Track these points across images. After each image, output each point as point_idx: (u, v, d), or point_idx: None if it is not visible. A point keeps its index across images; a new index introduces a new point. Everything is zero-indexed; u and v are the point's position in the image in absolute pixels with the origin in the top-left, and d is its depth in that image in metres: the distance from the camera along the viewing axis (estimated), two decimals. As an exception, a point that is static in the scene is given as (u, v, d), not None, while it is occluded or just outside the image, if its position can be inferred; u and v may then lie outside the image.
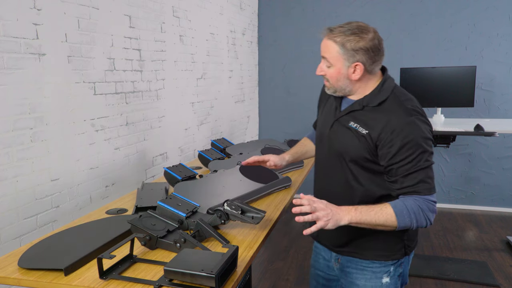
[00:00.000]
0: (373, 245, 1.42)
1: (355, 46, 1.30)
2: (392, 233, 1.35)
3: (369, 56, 1.32)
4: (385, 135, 1.29)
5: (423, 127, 1.30)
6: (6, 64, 1.72)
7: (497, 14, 4.17)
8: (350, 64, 1.33)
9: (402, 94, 1.37)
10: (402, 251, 1.43)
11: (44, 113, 1.92)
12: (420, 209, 1.27)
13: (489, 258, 3.31)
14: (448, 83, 3.74)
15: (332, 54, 1.34)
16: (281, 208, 1.75)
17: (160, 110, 2.87)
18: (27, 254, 1.31)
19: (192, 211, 1.53)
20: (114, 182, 2.43)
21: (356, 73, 1.35)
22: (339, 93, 1.42)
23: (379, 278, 1.44)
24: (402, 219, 1.26)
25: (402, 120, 1.29)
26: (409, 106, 1.32)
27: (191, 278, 1.10)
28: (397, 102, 1.33)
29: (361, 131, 1.35)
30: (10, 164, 1.76)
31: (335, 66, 1.35)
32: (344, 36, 1.31)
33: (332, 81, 1.39)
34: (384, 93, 1.36)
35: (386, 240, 1.41)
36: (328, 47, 1.35)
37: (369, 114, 1.35)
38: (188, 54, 3.22)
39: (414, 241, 1.49)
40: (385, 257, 1.43)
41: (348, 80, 1.37)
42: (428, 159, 1.29)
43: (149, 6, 2.70)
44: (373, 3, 4.48)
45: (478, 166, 4.45)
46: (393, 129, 1.28)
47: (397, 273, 1.45)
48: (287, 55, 4.82)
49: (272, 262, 3.29)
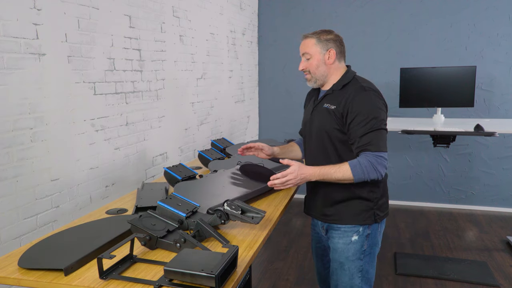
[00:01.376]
0: (348, 212, 1.76)
1: (326, 37, 1.76)
2: (362, 203, 1.74)
3: (337, 45, 1.77)
4: (346, 106, 1.68)
5: (375, 99, 1.68)
6: (6, 64, 1.72)
7: (497, 14, 4.17)
8: (325, 51, 1.75)
9: (361, 79, 1.77)
10: (372, 218, 1.76)
11: (44, 113, 1.92)
12: (370, 163, 1.60)
13: (489, 258, 3.31)
14: (448, 83, 3.74)
15: (310, 47, 1.76)
16: (281, 208, 1.76)
17: (160, 110, 2.87)
18: (27, 254, 1.31)
19: (192, 211, 1.53)
20: (114, 182, 2.43)
21: (331, 58, 1.75)
22: (319, 81, 1.80)
23: (349, 237, 1.78)
24: (356, 173, 1.61)
25: (358, 94, 1.68)
26: (365, 85, 1.71)
27: (191, 278, 1.10)
28: (356, 84, 1.73)
29: (330, 108, 1.73)
30: (10, 164, 1.76)
31: (314, 56, 1.76)
32: (318, 33, 1.78)
33: (312, 69, 1.77)
34: (346, 79, 1.76)
35: (358, 209, 1.75)
36: (307, 43, 1.78)
37: (336, 95, 1.74)
38: (188, 54, 3.22)
39: (384, 212, 1.81)
40: (356, 221, 1.76)
41: (325, 65, 1.76)
42: (379, 124, 1.64)
43: (149, 6, 2.70)
44: (373, 3, 4.48)
45: (478, 166, 4.45)
46: (351, 100, 1.67)
47: (365, 233, 1.77)
48: (287, 55, 4.82)
49: (272, 262, 3.29)
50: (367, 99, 1.67)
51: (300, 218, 4.23)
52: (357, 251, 1.78)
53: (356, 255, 1.78)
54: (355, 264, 1.79)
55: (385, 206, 1.82)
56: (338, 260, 1.82)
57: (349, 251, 1.78)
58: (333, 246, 1.83)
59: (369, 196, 1.75)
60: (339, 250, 1.80)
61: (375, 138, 1.63)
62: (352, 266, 1.79)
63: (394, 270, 3.12)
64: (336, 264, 1.83)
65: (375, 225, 1.79)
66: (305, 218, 4.20)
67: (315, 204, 1.86)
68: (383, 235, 1.91)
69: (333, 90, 1.76)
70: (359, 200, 1.75)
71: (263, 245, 1.76)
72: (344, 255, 1.79)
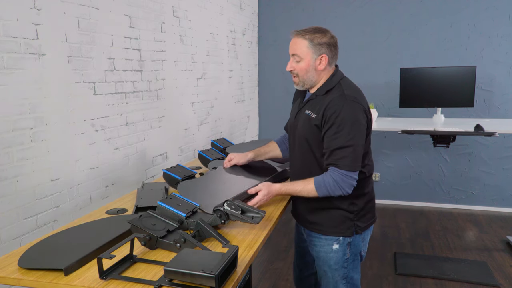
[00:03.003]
0: (328, 222, 1.72)
1: (320, 41, 1.61)
2: (342, 214, 1.69)
3: (330, 50, 1.64)
4: (324, 115, 1.59)
5: (355, 111, 1.57)
6: (6, 64, 1.72)
7: (497, 14, 4.17)
8: (317, 57, 1.63)
9: (346, 85, 1.65)
10: (352, 229, 1.71)
11: (44, 113, 1.92)
12: (335, 182, 1.56)
13: (489, 258, 3.31)
14: (448, 83, 3.74)
15: (302, 49, 1.63)
16: (281, 208, 1.76)
17: (160, 110, 2.87)
18: (27, 254, 1.31)
19: (192, 211, 1.53)
20: (114, 182, 2.43)
21: (322, 64, 1.64)
22: (306, 85, 1.70)
23: (330, 245, 1.74)
24: (320, 191, 1.59)
25: (337, 103, 1.57)
26: (347, 93, 1.60)
27: (191, 278, 1.10)
28: (339, 90, 1.62)
29: (311, 115, 1.65)
30: (10, 164, 1.76)
31: (304, 59, 1.64)
32: (311, 34, 1.62)
33: (301, 74, 1.67)
34: (331, 84, 1.65)
35: (338, 219, 1.71)
36: (298, 43, 1.64)
37: (318, 101, 1.65)
38: (188, 54, 3.22)
39: (367, 222, 1.76)
40: (335, 231, 1.72)
41: (315, 71, 1.65)
42: (353, 139, 1.55)
43: (149, 6, 2.70)
44: (373, 3, 4.48)
45: (478, 166, 4.45)
46: (329, 109, 1.58)
47: (346, 242, 1.73)
48: (287, 55, 4.77)
49: (272, 262, 3.29)
50: (346, 109, 1.56)
51: (300, 218, 4.23)
52: (339, 260, 1.74)
53: (339, 264, 1.75)
54: (338, 273, 1.76)
55: (369, 217, 1.77)
56: (322, 268, 1.80)
57: (331, 260, 1.75)
58: (315, 255, 1.81)
59: (349, 208, 1.69)
60: (322, 259, 1.78)
61: (346, 155, 1.55)
62: (336, 274, 1.77)
63: (394, 270, 3.12)
64: (321, 271, 1.82)
65: (357, 237, 1.74)
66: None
67: (298, 210, 1.85)
68: (383, 235, 1.91)
69: (316, 95, 1.68)
70: (338, 210, 1.70)
71: (263, 245, 1.76)
72: (326, 263, 1.76)
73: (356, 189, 1.65)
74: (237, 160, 1.96)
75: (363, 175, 1.68)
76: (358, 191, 1.68)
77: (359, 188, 1.67)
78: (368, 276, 3.04)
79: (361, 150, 1.60)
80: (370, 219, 1.78)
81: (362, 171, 1.67)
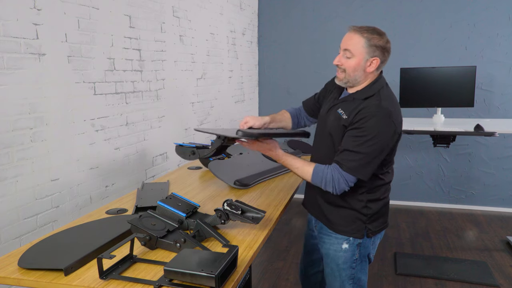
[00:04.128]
0: (340, 219, 1.71)
1: (377, 43, 1.56)
2: (355, 215, 1.68)
3: (383, 54, 1.59)
4: (354, 118, 1.56)
5: (383, 125, 1.53)
6: (6, 64, 1.72)
7: (497, 14, 4.17)
8: (369, 58, 1.57)
9: (384, 96, 1.60)
10: (363, 232, 1.70)
11: (44, 113, 1.92)
12: (332, 178, 1.55)
13: (489, 258, 3.31)
14: (448, 83, 3.74)
15: (357, 47, 1.56)
16: (281, 208, 1.76)
17: (160, 110, 2.87)
18: (27, 254, 1.31)
19: (192, 211, 1.53)
20: (114, 182, 2.43)
21: (372, 66, 1.59)
22: (349, 84, 1.65)
23: (340, 244, 1.73)
24: (315, 178, 1.59)
25: (370, 111, 1.53)
26: (383, 105, 1.55)
27: (191, 278, 1.10)
28: (377, 99, 1.57)
29: (343, 116, 1.61)
30: (10, 164, 1.76)
31: (356, 57, 1.58)
32: (370, 34, 1.56)
33: (349, 71, 1.60)
34: (372, 90, 1.60)
35: (350, 219, 1.69)
36: (354, 40, 1.57)
37: (354, 104, 1.60)
38: (188, 54, 3.22)
39: (378, 227, 1.74)
40: (346, 231, 1.71)
41: (362, 72, 1.60)
42: (369, 149, 1.51)
43: (149, 6, 2.70)
44: (373, 3, 4.48)
45: (478, 166, 4.45)
46: (360, 114, 1.54)
47: (356, 243, 1.72)
48: (287, 55, 4.82)
49: (272, 262, 3.29)
50: (375, 120, 1.52)
51: (300, 218, 4.23)
52: (348, 260, 1.73)
53: (347, 264, 1.74)
54: (346, 272, 1.75)
55: (381, 222, 1.76)
56: (329, 266, 1.79)
57: (339, 259, 1.74)
58: (324, 252, 1.80)
59: (363, 210, 1.68)
60: (330, 257, 1.77)
61: (354, 159, 1.53)
62: (343, 274, 1.76)
63: (394, 270, 3.12)
64: (328, 269, 1.81)
65: (368, 240, 1.74)
66: (305, 218, 4.19)
67: (312, 200, 1.84)
68: (383, 235, 1.91)
69: (354, 98, 1.62)
70: (351, 210, 1.68)
71: (263, 245, 1.76)
72: (335, 262, 1.76)
73: (373, 194, 1.66)
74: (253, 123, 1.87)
75: (382, 182, 1.68)
76: (375, 195, 1.68)
77: (376, 193, 1.68)
78: (368, 276, 3.03)
79: (373, 162, 1.56)
80: (382, 224, 1.77)
81: (381, 178, 1.67)
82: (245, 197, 1.92)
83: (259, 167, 2.28)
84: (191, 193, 1.99)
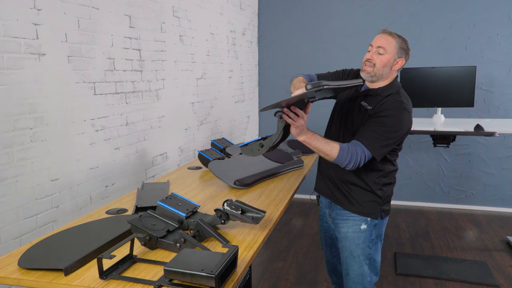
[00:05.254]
0: (358, 200, 1.87)
1: (404, 46, 1.81)
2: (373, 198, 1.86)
3: (406, 58, 1.83)
4: (377, 109, 1.75)
5: (405, 120, 1.74)
6: (6, 64, 1.72)
7: (497, 14, 4.17)
8: (397, 58, 1.80)
9: (404, 95, 1.83)
10: (378, 213, 1.88)
11: (44, 113, 1.92)
12: (356, 153, 1.68)
13: (489, 258, 3.31)
14: (448, 83, 3.74)
15: (390, 46, 1.78)
16: (281, 208, 1.76)
17: (160, 110, 2.87)
18: (27, 254, 1.31)
19: (192, 211, 1.53)
20: (114, 182, 2.43)
21: (397, 66, 1.81)
22: (374, 78, 1.81)
23: (358, 225, 1.88)
24: (342, 156, 1.67)
25: (393, 105, 1.74)
26: (405, 102, 1.77)
27: (191, 278, 1.10)
28: (398, 96, 1.79)
29: (366, 107, 1.80)
30: (10, 164, 1.76)
31: (388, 55, 1.78)
32: (400, 38, 1.82)
33: (379, 66, 1.78)
34: (393, 89, 1.82)
35: (367, 201, 1.86)
36: (389, 39, 1.80)
37: (377, 99, 1.79)
38: (188, 54, 3.22)
39: (388, 209, 1.94)
40: (364, 214, 1.87)
41: (389, 69, 1.80)
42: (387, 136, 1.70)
43: (149, 6, 2.70)
44: (373, 3, 4.48)
45: (478, 166, 4.45)
46: (384, 108, 1.74)
47: (373, 223, 1.88)
48: (287, 55, 4.82)
49: (272, 262, 3.29)
50: (397, 114, 1.73)
51: (300, 218, 4.23)
52: (367, 239, 1.88)
53: (366, 243, 1.89)
54: (364, 252, 1.89)
55: (388, 205, 1.96)
56: (348, 248, 1.91)
57: (359, 239, 1.88)
58: (342, 236, 1.92)
59: (379, 193, 1.86)
60: (349, 238, 1.90)
61: (377, 141, 1.70)
62: (361, 254, 1.89)
63: (394, 270, 3.12)
64: (347, 252, 1.92)
65: (381, 221, 1.91)
66: (305, 218, 4.20)
67: (330, 184, 1.95)
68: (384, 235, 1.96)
69: (377, 94, 1.81)
70: (371, 193, 1.86)
71: (263, 245, 1.77)
72: (354, 242, 1.89)
73: (387, 178, 1.88)
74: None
75: (394, 168, 1.90)
76: (389, 179, 1.89)
77: (390, 177, 1.90)
78: (368, 276, 3.04)
79: (387, 147, 1.74)
80: (389, 207, 1.96)
81: (394, 164, 1.89)
82: (245, 197, 1.92)
83: (259, 167, 2.28)
84: (191, 193, 1.99)
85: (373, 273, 1.95)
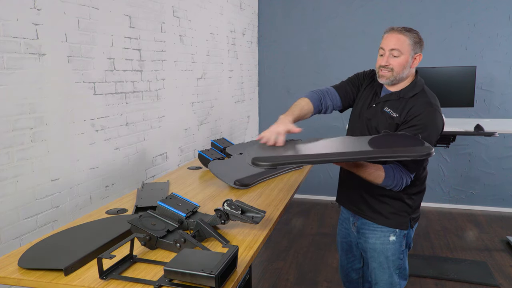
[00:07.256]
0: (386, 215, 1.77)
1: (417, 38, 1.67)
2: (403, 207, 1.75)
3: (421, 50, 1.70)
4: (407, 117, 1.64)
5: (437, 120, 1.63)
6: (6, 64, 1.72)
7: (497, 14, 4.17)
8: (413, 55, 1.68)
9: (429, 93, 1.72)
10: (407, 224, 1.79)
11: (44, 113, 1.92)
12: (401, 179, 1.60)
13: (489, 258, 3.31)
14: (448, 83, 3.74)
15: (404, 45, 1.65)
16: (281, 208, 1.76)
17: (160, 110, 2.87)
18: (27, 254, 1.31)
19: (192, 211, 1.53)
20: (114, 182, 2.43)
21: (415, 62, 1.70)
22: (395, 81, 1.71)
23: (387, 237, 1.79)
24: (387, 181, 1.58)
25: (423, 108, 1.62)
26: (433, 101, 1.66)
27: (191, 278, 1.10)
28: (424, 97, 1.67)
29: (393, 115, 1.68)
30: (10, 164, 1.76)
31: (404, 55, 1.66)
32: (409, 32, 1.67)
33: (397, 69, 1.67)
34: (417, 88, 1.70)
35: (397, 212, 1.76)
36: (400, 39, 1.66)
37: (401, 102, 1.69)
38: (188, 54, 3.22)
39: (417, 215, 1.85)
40: (393, 225, 1.77)
41: (408, 69, 1.69)
42: None
43: (149, 6, 2.70)
44: (373, 3, 4.48)
45: (478, 166, 4.45)
46: (414, 112, 1.63)
47: (402, 234, 1.79)
48: (287, 55, 4.82)
49: (272, 262, 3.29)
50: (430, 116, 1.62)
51: (300, 218, 4.23)
52: (396, 251, 1.80)
53: (396, 255, 1.81)
54: (394, 263, 1.82)
55: (418, 212, 1.87)
56: (377, 260, 1.84)
57: (388, 251, 1.80)
58: (370, 246, 1.84)
59: (408, 202, 1.77)
60: (378, 250, 1.82)
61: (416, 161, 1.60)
62: (392, 265, 1.82)
63: (394, 270, 3.12)
64: (375, 263, 1.85)
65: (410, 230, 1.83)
66: (305, 218, 4.20)
67: (354, 197, 1.85)
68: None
69: (400, 97, 1.70)
70: (401, 203, 1.76)
71: (263, 245, 1.77)
72: (383, 254, 1.81)
73: (416, 186, 1.78)
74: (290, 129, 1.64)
75: (425, 172, 1.81)
76: (418, 187, 1.80)
77: (419, 185, 1.80)
78: (368, 276, 3.04)
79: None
80: (419, 213, 1.87)
81: (425, 168, 1.80)
82: (245, 197, 1.92)
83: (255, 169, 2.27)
84: (191, 193, 1.99)
85: (402, 279, 1.89)
